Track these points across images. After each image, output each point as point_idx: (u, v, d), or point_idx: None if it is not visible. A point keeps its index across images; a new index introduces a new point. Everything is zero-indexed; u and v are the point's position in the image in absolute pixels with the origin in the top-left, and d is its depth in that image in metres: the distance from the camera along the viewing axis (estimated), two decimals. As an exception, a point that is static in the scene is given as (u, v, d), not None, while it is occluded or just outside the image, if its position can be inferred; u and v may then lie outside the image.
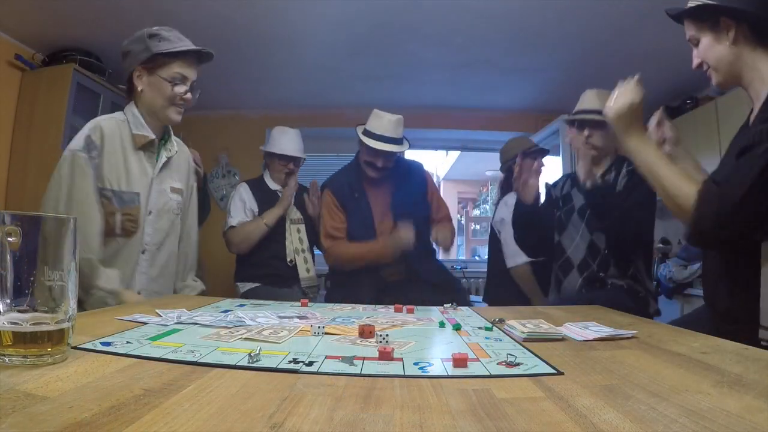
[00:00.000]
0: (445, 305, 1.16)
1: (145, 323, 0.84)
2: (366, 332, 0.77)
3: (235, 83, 3.35)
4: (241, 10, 2.42)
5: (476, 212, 8.08)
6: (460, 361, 0.60)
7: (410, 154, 3.05)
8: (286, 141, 2.35)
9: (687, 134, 1.82)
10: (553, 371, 0.59)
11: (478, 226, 7.65)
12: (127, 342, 0.68)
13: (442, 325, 0.92)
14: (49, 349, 0.56)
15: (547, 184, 2.06)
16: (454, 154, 6.43)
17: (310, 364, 0.60)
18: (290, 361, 0.61)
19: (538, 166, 1.74)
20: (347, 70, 3.12)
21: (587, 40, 2.61)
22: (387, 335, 0.73)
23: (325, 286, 2.38)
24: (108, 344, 0.66)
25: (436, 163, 7.59)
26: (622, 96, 1.16)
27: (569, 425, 0.41)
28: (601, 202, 1.62)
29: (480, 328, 0.89)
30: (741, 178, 0.92)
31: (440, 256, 2.38)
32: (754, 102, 1.09)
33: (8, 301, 0.55)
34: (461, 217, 8.09)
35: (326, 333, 0.80)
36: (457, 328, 0.88)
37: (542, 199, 1.88)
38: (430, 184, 2.22)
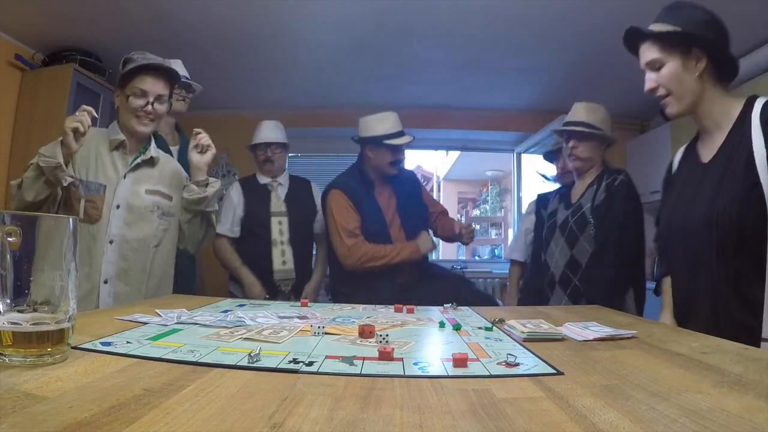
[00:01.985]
0: (445, 305, 1.17)
1: (145, 323, 0.84)
2: (366, 332, 0.77)
3: (235, 83, 3.34)
4: (241, 10, 2.42)
5: (476, 212, 8.07)
6: (460, 361, 0.60)
7: (411, 154, 3.04)
8: (261, 131, 2.43)
9: (686, 139, 1.77)
10: (553, 371, 0.59)
11: (478, 226, 7.63)
12: (127, 342, 0.69)
13: (442, 325, 0.92)
14: (49, 349, 0.56)
15: (536, 203, 2.25)
16: (454, 154, 6.42)
17: (310, 364, 0.60)
18: (290, 361, 0.61)
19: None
20: (347, 70, 3.12)
21: (587, 40, 2.60)
22: (387, 335, 0.73)
23: (329, 290, 2.36)
24: (108, 344, 0.67)
25: (436, 163, 7.60)
26: None
27: (569, 425, 0.41)
28: (581, 215, 1.71)
29: (480, 328, 0.89)
30: None
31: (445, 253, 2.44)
32: (711, 132, 1.12)
33: (8, 301, 0.55)
34: (461, 217, 8.08)
35: (326, 333, 0.80)
36: (457, 328, 0.88)
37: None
38: (423, 187, 2.34)
